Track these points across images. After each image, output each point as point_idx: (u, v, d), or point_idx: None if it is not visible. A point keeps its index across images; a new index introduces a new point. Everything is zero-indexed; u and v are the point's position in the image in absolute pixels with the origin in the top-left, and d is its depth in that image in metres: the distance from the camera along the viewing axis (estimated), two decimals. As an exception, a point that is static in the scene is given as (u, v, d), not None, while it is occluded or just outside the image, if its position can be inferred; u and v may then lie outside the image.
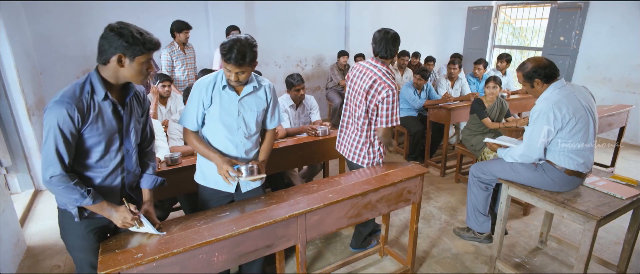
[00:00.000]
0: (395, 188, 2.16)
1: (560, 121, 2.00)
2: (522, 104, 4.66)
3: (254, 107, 1.92)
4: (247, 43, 1.70)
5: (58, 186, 1.37)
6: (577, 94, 2.06)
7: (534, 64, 2.09)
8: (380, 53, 2.27)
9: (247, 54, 1.69)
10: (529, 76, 2.11)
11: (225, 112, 1.85)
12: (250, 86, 1.87)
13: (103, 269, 1.36)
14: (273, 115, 2.04)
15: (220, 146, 1.91)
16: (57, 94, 1.36)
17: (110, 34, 1.36)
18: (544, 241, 2.76)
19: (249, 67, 1.75)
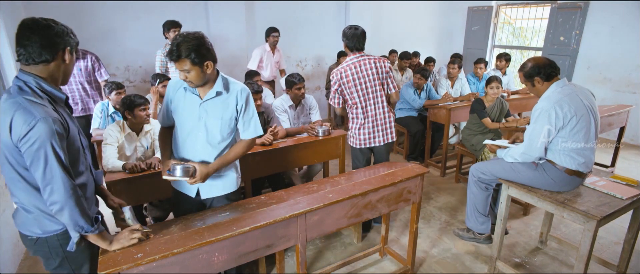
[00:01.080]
0: (395, 188, 2.16)
1: (562, 119, 2.01)
2: (522, 104, 4.66)
3: (219, 113, 1.76)
4: (188, 38, 1.57)
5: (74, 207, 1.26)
6: (579, 93, 2.07)
7: (534, 63, 2.12)
8: (356, 46, 2.62)
9: (183, 49, 1.55)
10: (529, 74, 2.13)
11: (187, 115, 1.77)
12: (213, 91, 1.73)
13: (103, 269, 1.36)
14: (247, 124, 1.84)
15: (183, 148, 1.82)
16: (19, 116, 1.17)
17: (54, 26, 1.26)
18: (544, 241, 2.76)
19: (193, 65, 1.59)
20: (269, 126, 2.98)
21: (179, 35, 1.59)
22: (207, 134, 1.77)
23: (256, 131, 1.86)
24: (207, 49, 1.62)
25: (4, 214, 2.40)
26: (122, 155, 2.45)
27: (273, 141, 2.73)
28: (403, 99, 4.38)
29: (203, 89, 1.74)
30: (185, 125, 1.79)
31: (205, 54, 1.61)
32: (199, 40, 1.59)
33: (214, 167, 1.77)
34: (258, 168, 2.64)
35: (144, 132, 2.54)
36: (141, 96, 2.44)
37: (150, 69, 4.74)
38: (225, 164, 1.82)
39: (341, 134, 3.00)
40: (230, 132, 1.83)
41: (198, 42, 1.58)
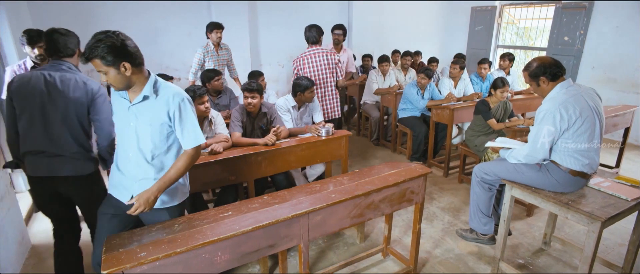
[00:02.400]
0: (398, 188, 2.16)
1: (567, 121, 2.00)
2: (526, 105, 4.64)
3: (147, 119, 1.64)
4: (100, 38, 1.48)
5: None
6: (584, 94, 2.05)
7: (539, 63, 2.10)
8: (312, 41, 3.52)
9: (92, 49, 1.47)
10: (534, 74, 2.12)
11: (118, 119, 1.72)
12: (141, 95, 1.62)
13: (106, 268, 1.36)
14: (183, 132, 1.68)
15: (118, 154, 1.76)
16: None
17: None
18: (547, 242, 2.75)
19: (106, 66, 1.50)
20: (272, 125, 2.98)
21: (94, 35, 1.50)
22: (137, 140, 1.66)
23: (196, 140, 1.70)
24: (121, 49, 1.51)
25: (9, 212, 2.42)
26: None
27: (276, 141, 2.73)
28: (406, 99, 4.37)
29: (133, 93, 1.65)
30: (119, 130, 1.73)
31: (119, 54, 1.50)
32: (111, 40, 1.48)
33: (153, 191, 1.62)
34: (261, 168, 2.64)
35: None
36: None
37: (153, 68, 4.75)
38: (168, 184, 1.66)
39: (344, 135, 2.99)
40: (162, 139, 1.69)
41: (111, 42, 1.48)
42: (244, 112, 2.91)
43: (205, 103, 2.65)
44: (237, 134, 2.81)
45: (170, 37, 4.86)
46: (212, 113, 2.81)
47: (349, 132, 3.06)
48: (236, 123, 2.85)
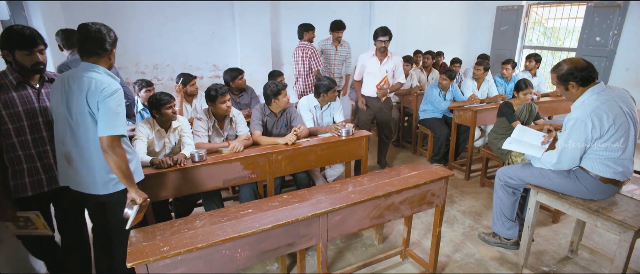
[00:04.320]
0: (418, 190, 2.13)
1: (599, 129, 1.87)
2: (552, 107, 4.48)
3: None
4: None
5: None
6: (617, 98, 1.92)
7: (570, 66, 1.96)
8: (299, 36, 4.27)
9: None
10: (563, 78, 1.99)
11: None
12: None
13: (131, 261, 1.41)
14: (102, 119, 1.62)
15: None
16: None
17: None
18: (574, 250, 2.65)
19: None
20: (292, 124, 3.00)
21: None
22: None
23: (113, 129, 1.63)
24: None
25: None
26: (151, 151, 2.53)
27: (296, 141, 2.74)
28: (428, 100, 4.30)
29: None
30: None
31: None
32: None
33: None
34: (281, 167, 2.66)
35: (172, 129, 2.61)
36: (167, 94, 2.50)
37: (177, 67, 4.87)
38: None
39: (364, 135, 2.98)
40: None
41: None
42: (264, 111, 2.94)
43: (226, 102, 2.69)
44: (257, 132, 2.84)
45: (194, 36, 4.96)
46: (233, 112, 2.85)
47: (369, 133, 3.05)
48: (257, 122, 2.88)
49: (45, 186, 1.89)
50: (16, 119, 1.77)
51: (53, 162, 1.89)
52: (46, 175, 1.89)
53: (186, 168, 2.29)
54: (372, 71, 3.74)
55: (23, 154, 1.81)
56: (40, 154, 1.86)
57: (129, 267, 1.40)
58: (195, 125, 2.73)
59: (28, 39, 1.72)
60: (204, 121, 2.72)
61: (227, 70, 3.69)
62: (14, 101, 1.77)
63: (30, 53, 1.75)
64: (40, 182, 1.88)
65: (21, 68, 1.77)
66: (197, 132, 2.70)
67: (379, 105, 3.86)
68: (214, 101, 2.65)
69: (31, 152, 1.83)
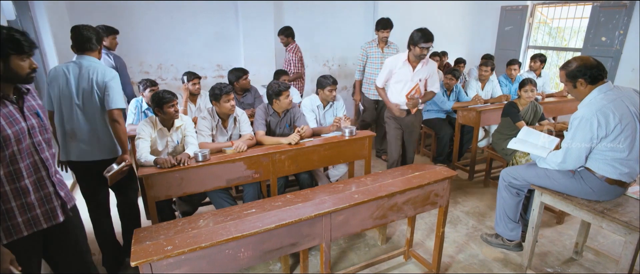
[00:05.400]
0: (422, 191, 2.12)
1: (605, 128, 1.86)
2: (557, 108, 4.46)
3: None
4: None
5: None
6: (624, 98, 1.90)
7: (579, 63, 1.95)
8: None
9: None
10: (572, 75, 1.97)
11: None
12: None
13: (135, 260, 1.41)
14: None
15: None
16: None
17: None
18: (579, 251, 2.63)
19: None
20: (295, 124, 3.00)
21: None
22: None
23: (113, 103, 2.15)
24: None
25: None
26: (154, 150, 2.54)
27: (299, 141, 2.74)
28: (431, 100, 4.29)
29: None
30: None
31: None
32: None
33: None
34: (284, 167, 2.66)
35: (174, 128, 2.62)
36: (169, 92, 2.51)
37: (181, 67, 4.89)
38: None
39: (367, 135, 2.97)
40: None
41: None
42: (268, 111, 2.94)
43: (231, 101, 2.70)
44: (261, 132, 2.84)
45: (199, 36, 4.98)
46: (237, 111, 2.85)
47: (373, 133, 3.04)
48: (260, 122, 2.89)
49: (43, 223, 1.51)
50: (5, 145, 1.36)
51: (52, 190, 1.54)
52: (43, 208, 1.51)
53: (189, 168, 2.30)
54: (402, 79, 3.09)
55: (11, 188, 1.41)
56: (36, 182, 1.48)
57: (132, 266, 1.41)
58: (199, 124, 2.74)
59: (28, 41, 1.43)
60: (208, 120, 2.73)
61: (231, 70, 3.70)
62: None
63: (27, 57, 1.44)
64: (35, 219, 1.49)
65: (11, 77, 1.41)
66: (201, 132, 2.71)
67: (409, 119, 3.21)
68: (219, 100, 2.66)
69: (24, 184, 1.43)
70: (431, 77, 3.16)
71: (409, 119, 3.22)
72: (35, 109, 1.51)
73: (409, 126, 3.25)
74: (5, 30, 1.37)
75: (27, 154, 1.45)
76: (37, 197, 1.48)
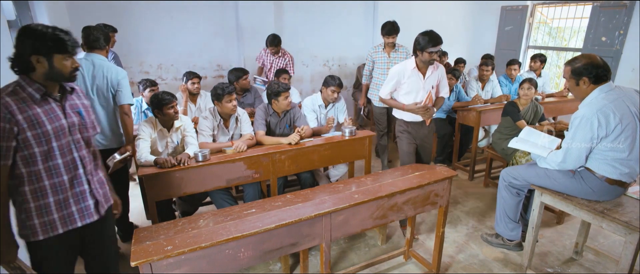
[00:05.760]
0: (422, 191, 2.12)
1: (605, 128, 1.85)
2: (557, 108, 4.46)
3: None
4: None
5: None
6: (625, 98, 1.90)
7: (586, 61, 1.92)
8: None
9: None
10: (578, 72, 1.94)
11: None
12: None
13: (135, 260, 1.41)
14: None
15: None
16: None
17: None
18: (579, 251, 2.63)
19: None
20: (295, 124, 3.00)
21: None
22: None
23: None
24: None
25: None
26: (154, 150, 2.54)
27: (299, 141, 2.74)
28: (431, 100, 4.29)
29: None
30: None
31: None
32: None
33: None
34: (284, 167, 2.66)
35: (174, 129, 2.62)
36: (169, 93, 2.51)
37: (181, 67, 4.89)
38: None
39: (367, 135, 2.97)
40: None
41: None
42: (268, 111, 2.94)
43: (233, 101, 2.70)
44: (261, 132, 2.84)
45: (199, 36, 4.98)
46: (239, 111, 2.85)
47: (372, 133, 3.04)
48: (260, 122, 2.89)
49: (77, 221, 1.53)
50: (44, 141, 1.41)
51: (87, 187, 1.56)
52: (78, 206, 1.53)
53: (190, 168, 2.30)
54: (413, 89, 2.72)
55: (49, 183, 1.44)
56: (72, 179, 1.51)
57: (132, 266, 1.41)
58: (200, 124, 2.74)
59: (72, 41, 1.44)
60: (210, 120, 2.73)
61: (231, 70, 3.70)
62: (39, 118, 1.40)
63: (70, 57, 1.45)
64: (71, 216, 1.51)
65: (55, 75, 1.43)
66: (201, 132, 2.71)
67: (425, 131, 2.87)
68: (221, 100, 2.66)
69: (62, 180, 1.47)
70: (441, 82, 2.84)
71: (424, 131, 2.87)
72: (78, 108, 1.56)
73: (423, 139, 2.90)
74: (51, 29, 1.39)
75: (67, 151, 1.49)
76: (72, 194, 1.52)
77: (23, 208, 1.44)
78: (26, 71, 1.41)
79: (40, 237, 1.46)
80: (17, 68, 1.41)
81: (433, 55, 2.60)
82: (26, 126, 1.37)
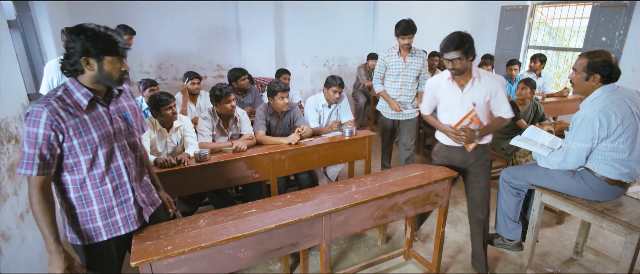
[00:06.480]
0: (422, 191, 2.12)
1: (606, 128, 1.85)
2: (557, 108, 4.45)
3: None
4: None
5: None
6: (627, 99, 1.89)
7: (606, 58, 1.86)
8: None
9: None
10: (594, 66, 1.88)
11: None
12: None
13: (135, 260, 1.41)
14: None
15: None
16: None
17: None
18: (579, 251, 2.63)
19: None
20: (295, 124, 3.00)
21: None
22: None
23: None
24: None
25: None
26: (153, 151, 2.54)
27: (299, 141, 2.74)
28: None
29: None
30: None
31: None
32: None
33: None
34: (284, 167, 2.66)
35: (173, 129, 2.62)
36: (167, 94, 2.51)
37: (181, 67, 4.89)
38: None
39: (367, 135, 2.97)
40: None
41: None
42: (268, 111, 2.94)
43: (231, 102, 2.70)
44: (261, 132, 2.84)
45: (198, 36, 4.98)
46: (238, 111, 2.86)
47: (372, 133, 3.04)
48: (260, 122, 2.89)
49: (121, 229, 1.53)
50: (90, 149, 1.38)
51: (131, 196, 1.53)
52: (122, 215, 1.52)
53: (190, 168, 2.30)
54: (449, 105, 2.24)
55: (94, 192, 1.44)
56: (117, 188, 1.49)
57: (133, 266, 1.41)
58: (200, 124, 2.74)
59: (123, 44, 1.39)
60: (209, 120, 2.73)
61: (231, 70, 3.70)
62: (85, 126, 1.36)
63: (120, 60, 1.40)
64: (115, 224, 1.51)
65: (104, 79, 1.39)
66: (201, 132, 2.71)
67: (468, 159, 2.29)
68: (219, 100, 2.66)
69: (106, 188, 1.46)
70: (495, 97, 2.16)
71: (469, 158, 2.28)
72: (125, 111, 1.52)
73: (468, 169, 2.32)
74: (103, 29, 1.34)
75: (112, 158, 1.46)
76: (117, 202, 1.50)
77: (70, 213, 1.45)
78: (75, 73, 1.36)
79: (86, 242, 1.48)
80: (66, 70, 1.35)
81: (454, 63, 2.06)
82: (73, 133, 1.33)
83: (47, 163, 1.32)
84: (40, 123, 1.28)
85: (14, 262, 1.98)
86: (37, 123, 1.28)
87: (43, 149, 1.30)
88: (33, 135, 1.28)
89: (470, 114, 2.16)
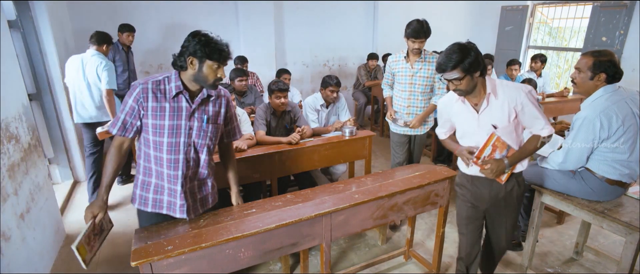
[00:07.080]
0: (422, 191, 2.12)
1: (607, 129, 1.85)
2: (557, 108, 4.45)
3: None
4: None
5: None
6: (628, 100, 1.88)
7: (612, 58, 1.85)
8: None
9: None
10: (601, 65, 1.86)
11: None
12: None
13: (135, 260, 1.41)
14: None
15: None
16: None
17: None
18: (579, 252, 2.63)
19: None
20: (295, 124, 3.00)
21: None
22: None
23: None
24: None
25: (47, 202, 2.54)
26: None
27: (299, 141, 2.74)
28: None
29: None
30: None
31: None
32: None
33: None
34: (284, 167, 2.66)
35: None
36: None
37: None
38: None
39: (367, 135, 2.97)
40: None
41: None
42: (268, 111, 2.94)
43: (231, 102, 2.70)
44: (261, 132, 2.84)
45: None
46: (238, 111, 2.85)
47: (372, 133, 3.04)
48: (260, 121, 2.89)
49: (164, 208, 1.66)
50: (159, 133, 1.54)
51: (179, 189, 1.62)
52: (168, 198, 1.65)
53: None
54: (468, 130, 1.85)
55: (155, 168, 1.61)
56: (169, 176, 1.61)
57: (133, 266, 1.41)
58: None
59: (227, 54, 1.57)
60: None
61: (231, 70, 3.71)
62: (163, 112, 1.53)
63: (219, 67, 1.55)
64: (160, 202, 1.66)
65: (200, 79, 1.54)
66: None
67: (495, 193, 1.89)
68: None
69: (162, 171, 1.61)
70: (523, 112, 1.72)
71: (496, 192, 1.89)
72: (206, 115, 1.63)
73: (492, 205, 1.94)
74: (214, 38, 1.54)
75: (175, 150, 1.59)
76: (168, 187, 1.64)
77: (137, 176, 1.67)
78: (181, 69, 1.55)
79: (135, 205, 1.69)
80: (176, 64, 1.55)
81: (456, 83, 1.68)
82: (150, 113, 1.53)
83: (126, 128, 1.55)
84: (132, 95, 1.52)
85: (14, 262, 1.99)
86: (131, 94, 1.52)
87: (127, 115, 1.54)
88: (126, 102, 1.53)
89: (492, 140, 1.75)
